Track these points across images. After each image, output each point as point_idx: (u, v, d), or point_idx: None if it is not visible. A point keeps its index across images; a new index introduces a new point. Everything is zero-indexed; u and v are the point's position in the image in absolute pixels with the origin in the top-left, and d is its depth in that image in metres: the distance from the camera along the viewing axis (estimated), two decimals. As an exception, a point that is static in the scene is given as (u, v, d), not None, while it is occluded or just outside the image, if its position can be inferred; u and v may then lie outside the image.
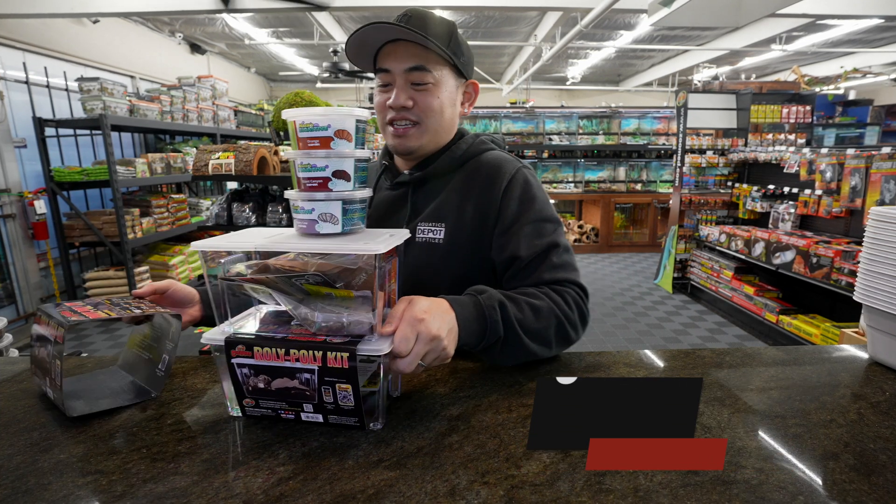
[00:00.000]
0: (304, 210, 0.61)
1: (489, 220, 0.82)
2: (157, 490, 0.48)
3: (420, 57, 0.78)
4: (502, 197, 0.82)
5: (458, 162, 0.87)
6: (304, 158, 0.60)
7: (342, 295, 0.58)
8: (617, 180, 6.66)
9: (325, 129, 0.59)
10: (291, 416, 0.59)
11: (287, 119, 0.61)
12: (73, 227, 3.73)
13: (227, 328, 0.61)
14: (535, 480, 0.49)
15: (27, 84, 3.75)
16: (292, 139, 0.62)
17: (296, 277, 0.57)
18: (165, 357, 0.68)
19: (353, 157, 0.61)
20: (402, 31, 0.76)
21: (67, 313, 0.65)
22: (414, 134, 0.82)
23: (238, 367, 0.57)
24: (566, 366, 0.76)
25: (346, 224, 0.62)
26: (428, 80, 0.79)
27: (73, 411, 0.61)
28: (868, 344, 0.79)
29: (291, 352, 0.55)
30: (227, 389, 0.61)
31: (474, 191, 0.84)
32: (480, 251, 0.83)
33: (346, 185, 0.61)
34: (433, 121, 0.82)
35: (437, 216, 0.84)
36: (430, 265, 0.83)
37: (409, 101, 0.79)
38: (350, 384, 0.55)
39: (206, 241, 0.59)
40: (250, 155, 2.62)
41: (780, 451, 0.54)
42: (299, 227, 0.63)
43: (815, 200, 3.15)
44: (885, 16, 4.38)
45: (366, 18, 5.93)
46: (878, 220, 0.75)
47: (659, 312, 3.99)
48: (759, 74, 9.06)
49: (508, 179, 0.83)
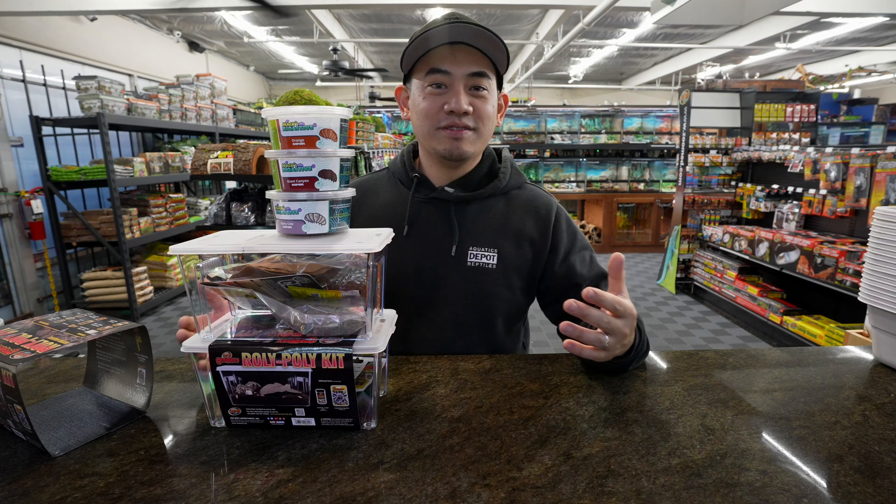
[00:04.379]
0: (289, 211, 0.60)
1: (542, 253, 0.89)
2: (156, 492, 0.48)
3: (481, 63, 0.79)
4: (554, 230, 0.89)
5: (503, 190, 0.91)
6: (290, 158, 0.59)
7: (329, 296, 0.57)
8: (619, 180, 6.65)
9: (310, 128, 0.58)
10: (281, 421, 0.58)
11: (268, 118, 0.59)
12: (70, 227, 3.73)
13: (207, 335, 0.59)
14: (537, 483, 0.49)
15: (24, 82, 3.75)
16: (274, 138, 0.60)
17: (282, 279, 0.57)
18: (142, 370, 0.62)
19: (339, 157, 0.61)
20: (475, 33, 0.76)
21: (6, 350, 0.53)
22: (470, 139, 0.82)
23: (224, 374, 0.55)
24: (569, 367, 0.75)
25: (333, 224, 0.61)
26: (485, 86, 0.80)
27: (55, 448, 0.54)
28: (873, 345, 0.78)
29: (283, 355, 0.54)
30: (207, 400, 0.59)
31: (527, 223, 0.89)
32: (531, 278, 0.89)
33: (332, 184, 0.60)
34: (486, 128, 0.83)
35: (489, 242, 0.87)
36: (483, 289, 0.86)
37: (470, 107, 0.80)
38: (346, 385, 0.54)
39: (185, 244, 0.57)
40: (249, 154, 2.61)
41: (784, 453, 0.53)
42: (284, 227, 0.61)
43: (820, 200, 3.13)
44: (890, 14, 4.35)
45: (366, 17, 5.92)
46: (883, 220, 0.74)
47: (662, 313, 3.98)
48: (763, 73, 9.03)
49: (556, 215, 0.90)
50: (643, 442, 0.55)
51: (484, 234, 0.87)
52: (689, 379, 0.71)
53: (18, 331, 0.59)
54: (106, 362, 0.67)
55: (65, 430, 0.58)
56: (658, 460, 0.52)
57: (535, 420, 0.60)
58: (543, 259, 0.89)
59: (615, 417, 0.61)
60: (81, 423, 0.60)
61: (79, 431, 0.58)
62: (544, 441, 0.56)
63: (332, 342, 0.55)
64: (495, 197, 0.90)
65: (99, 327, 0.59)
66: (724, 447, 0.54)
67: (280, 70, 9.06)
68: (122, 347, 0.64)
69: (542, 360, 0.78)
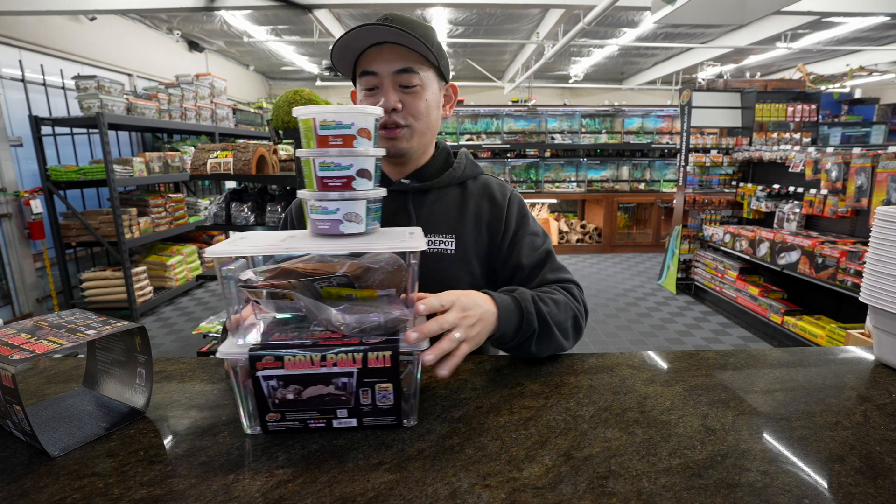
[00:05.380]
0: (326, 210, 0.59)
1: (497, 235, 0.91)
2: (155, 493, 0.48)
3: (407, 59, 0.79)
4: (506, 214, 0.91)
5: (458, 180, 0.93)
6: (328, 157, 0.58)
7: (364, 295, 0.57)
8: (620, 180, 6.64)
9: (348, 127, 0.58)
10: (322, 424, 0.57)
11: (302, 116, 0.58)
12: (69, 227, 3.72)
13: (241, 341, 0.57)
14: (537, 483, 0.49)
15: (23, 82, 3.74)
16: (308, 137, 0.59)
17: (319, 280, 0.56)
18: (141, 371, 0.62)
19: (375, 157, 0.61)
20: (393, 31, 0.75)
21: (5, 350, 0.53)
22: (404, 136, 0.83)
23: (265, 379, 0.54)
24: (569, 367, 0.75)
25: (368, 224, 0.61)
26: (415, 82, 0.80)
27: (54, 449, 0.54)
28: (874, 345, 0.78)
29: (328, 356, 0.53)
30: (242, 407, 0.57)
31: (483, 208, 0.91)
32: (488, 261, 0.91)
33: (368, 183, 0.60)
34: (421, 123, 0.83)
35: (447, 229, 0.89)
36: (443, 274, 0.87)
37: (399, 104, 0.80)
38: (391, 383, 0.54)
39: (222, 246, 0.55)
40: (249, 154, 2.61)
41: (784, 453, 0.53)
42: (320, 227, 0.60)
43: (821, 200, 3.13)
44: (891, 13, 4.35)
45: (366, 17, 5.92)
46: (884, 220, 0.74)
47: (662, 313, 3.97)
48: (764, 72, 9.02)
49: (509, 198, 0.93)
50: (644, 442, 0.55)
51: (441, 222, 0.89)
52: (689, 379, 0.71)
53: (17, 331, 0.58)
54: (105, 363, 0.67)
55: (64, 431, 0.58)
56: (659, 461, 0.52)
57: (535, 420, 0.60)
58: (498, 242, 0.90)
59: (616, 418, 0.60)
60: (81, 424, 0.60)
61: (78, 432, 0.58)
62: (545, 441, 0.56)
63: (377, 341, 0.54)
64: (451, 187, 0.92)
65: (98, 327, 0.59)
66: (725, 448, 0.54)
67: (280, 70, 9.05)
68: (122, 348, 0.64)
69: (543, 361, 0.78)
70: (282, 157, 2.96)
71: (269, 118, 2.63)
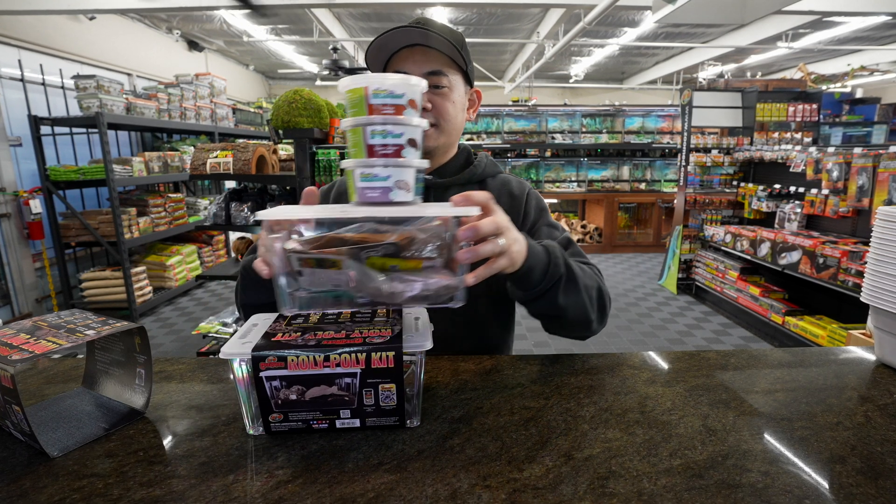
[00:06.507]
0: (378, 178, 0.58)
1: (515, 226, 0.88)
2: (154, 493, 0.48)
3: (438, 61, 0.83)
4: (525, 206, 0.93)
5: (478, 178, 0.95)
6: (382, 124, 0.58)
7: (409, 266, 0.55)
8: (620, 179, 6.64)
9: (400, 96, 0.58)
10: (325, 425, 0.57)
11: (353, 86, 0.58)
12: (69, 227, 3.72)
13: (242, 340, 0.56)
14: (538, 484, 0.49)
15: (22, 82, 3.73)
16: (358, 106, 0.59)
17: (367, 249, 0.54)
18: (141, 371, 0.62)
19: (421, 126, 0.61)
20: (426, 35, 0.79)
21: (4, 350, 0.53)
22: (432, 135, 0.86)
23: (267, 380, 0.54)
24: (570, 367, 0.75)
25: (416, 192, 0.61)
26: (444, 83, 0.84)
27: (53, 449, 0.54)
28: (875, 346, 0.78)
29: (332, 357, 0.53)
30: (244, 407, 0.57)
31: (502, 202, 0.91)
32: None
33: (415, 153, 0.61)
34: (448, 123, 0.86)
35: None
36: None
37: (429, 104, 0.83)
38: (395, 383, 0.54)
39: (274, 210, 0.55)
40: (249, 154, 2.61)
41: (785, 454, 0.53)
42: (369, 195, 0.59)
43: (822, 200, 3.13)
44: (892, 13, 4.34)
45: (366, 16, 5.92)
46: (885, 220, 0.74)
47: (663, 313, 3.97)
48: (765, 72, 9.01)
49: (527, 193, 0.95)
50: (644, 443, 0.55)
51: None
52: (690, 380, 0.71)
53: (17, 331, 0.58)
54: (105, 363, 0.66)
55: (63, 431, 0.58)
56: (659, 461, 0.52)
57: (535, 421, 0.60)
58: None
59: (616, 418, 0.60)
60: (80, 424, 0.60)
61: (77, 432, 0.58)
62: (545, 442, 0.55)
63: (381, 341, 0.54)
64: (472, 184, 0.94)
65: (97, 328, 0.59)
66: (726, 448, 0.54)
67: (280, 69, 9.05)
68: (121, 348, 0.64)
69: (543, 361, 0.77)
70: (281, 157, 2.95)
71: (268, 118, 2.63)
